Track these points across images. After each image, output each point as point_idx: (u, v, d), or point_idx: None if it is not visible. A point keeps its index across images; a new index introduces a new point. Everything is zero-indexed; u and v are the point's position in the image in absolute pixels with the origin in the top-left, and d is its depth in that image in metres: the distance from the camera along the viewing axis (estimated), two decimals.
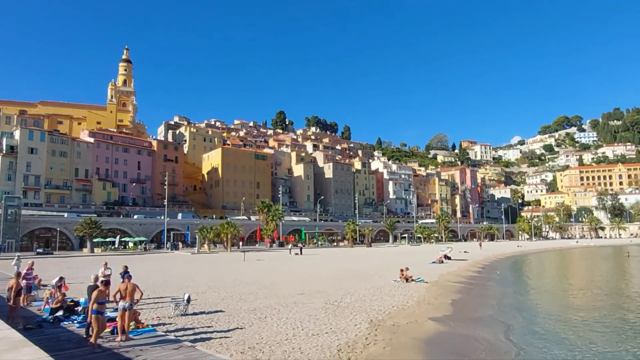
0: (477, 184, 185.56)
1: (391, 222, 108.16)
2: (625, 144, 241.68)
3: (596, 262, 56.90)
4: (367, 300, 19.49)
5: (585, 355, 12.56)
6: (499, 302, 22.69)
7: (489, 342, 13.69)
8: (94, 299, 10.84)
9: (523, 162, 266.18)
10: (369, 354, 11.26)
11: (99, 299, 10.89)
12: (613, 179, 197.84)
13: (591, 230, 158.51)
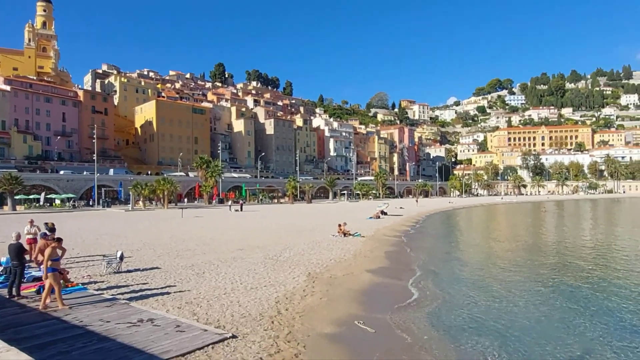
0: (414, 143, 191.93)
1: (331, 179, 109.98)
2: (549, 107, 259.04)
3: (517, 217, 61.82)
4: (306, 254, 19.91)
5: (503, 297, 13.77)
6: (429, 253, 24.12)
7: (419, 289, 14.57)
8: (49, 256, 10.30)
9: (458, 122, 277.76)
10: (306, 305, 11.60)
11: (52, 255, 10.37)
12: (536, 140, 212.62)
13: (515, 188, 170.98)
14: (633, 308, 12.75)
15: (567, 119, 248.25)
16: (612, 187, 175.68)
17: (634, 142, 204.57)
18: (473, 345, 9.54)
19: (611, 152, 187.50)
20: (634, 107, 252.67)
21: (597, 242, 31.63)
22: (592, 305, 13.00)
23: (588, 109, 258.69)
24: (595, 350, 9.31)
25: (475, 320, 11.37)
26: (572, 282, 16.63)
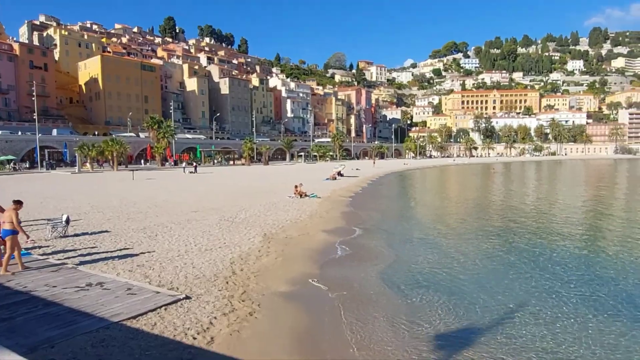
0: (371, 105, 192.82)
1: (288, 141, 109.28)
2: (501, 71, 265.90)
3: (468, 178, 64.34)
4: (262, 215, 19.89)
5: (453, 255, 14.45)
6: (384, 213, 24.78)
7: (373, 247, 15.01)
8: (16, 219, 9.91)
9: (414, 84, 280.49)
10: (261, 265, 11.67)
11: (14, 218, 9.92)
12: (488, 103, 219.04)
13: (467, 150, 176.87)
14: (571, 261, 13.74)
15: (518, 83, 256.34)
16: (555, 149, 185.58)
17: (577, 106, 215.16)
18: (423, 299, 10.00)
19: (556, 116, 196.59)
20: (579, 73, 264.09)
21: (540, 201, 33.60)
22: (535, 260, 13.89)
23: (537, 74, 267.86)
24: (538, 300, 10.00)
25: (426, 277, 11.88)
26: (518, 239, 17.64)
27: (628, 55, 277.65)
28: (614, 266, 13.17)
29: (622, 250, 15.40)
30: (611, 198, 35.55)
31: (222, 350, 6.73)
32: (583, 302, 9.85)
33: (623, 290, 10.70)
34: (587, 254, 15.00)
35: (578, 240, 17.61)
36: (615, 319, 8.85)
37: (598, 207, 29.53)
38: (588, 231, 20.20)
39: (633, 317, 8.97)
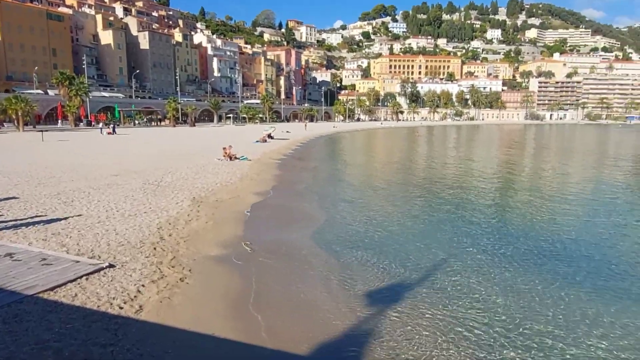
0: (301, 66, 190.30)
1: (216, 102, 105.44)
2: (427, 37, 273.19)
3: (395, 141, 66.59)
4: (190, 179, 19.16)
5: (382, 214, 14.98)
6: (314, 175, 25.00)
7: (304, 210, 15.11)
8: None
9: (344, 47, 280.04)
10: (191, 229, 11.29)
11: None
12: (414, 68, 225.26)
13: (394, 114, 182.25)
14: (488, 217, 14.82)
15: (442, 49, 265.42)
16: (474, 114, 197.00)
17: (494, 74, 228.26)
18: (354, 257, 10.28)
19: (475, 82, 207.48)
20: (497, 42, 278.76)
21: (460, 163, 35.71)
22: (458, 217, 14.81)
23: (460, 41, 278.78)
24: (463, 254, 10.69)
25: (359, 237, 12.21)
26: (441, 198, 18.65)
27: (540, 26, 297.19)
28: (525, 220, 14.43)
29: (530, 205, 16.91)
30: (520, 160, 38.71)
31: (152, 318, 6.46)
32: (500, 254, 10.70)
33: (533, 241, 11.77)
34: (502, 210, 16.29)
35: (494, 198, 19.04)
36: (528, 268, 9.73)
37: (510, 168, 32.05)
38: (502, 190, 21.89)
39: (541, 264, 9.91)
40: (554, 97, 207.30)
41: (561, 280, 9.01)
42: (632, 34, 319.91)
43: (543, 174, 28.58)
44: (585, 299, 8.14)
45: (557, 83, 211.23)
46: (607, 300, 8.07)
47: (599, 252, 11.17)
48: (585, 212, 16.06)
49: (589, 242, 12.05)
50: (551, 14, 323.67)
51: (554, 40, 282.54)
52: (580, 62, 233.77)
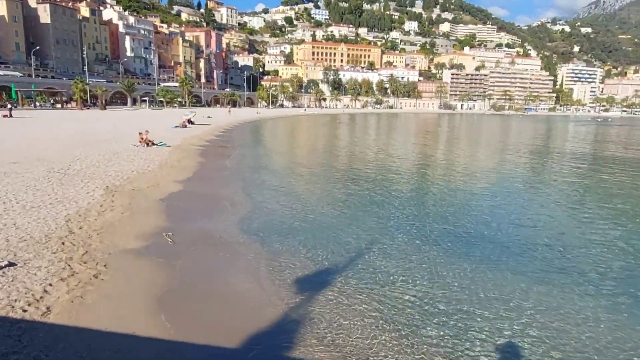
0: (222, 49, 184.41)
1: (129, 83, 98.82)
2: (349, 25, 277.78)
3: (318, 128, 67.19)
4: (102, 166, 17.75)
5: (308, 201, 15.00)
6: (238, 162, 24.43)
7: (229, 197, 14.68)
8: None
9: (266, 31, 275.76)
10: (105, 221, 10.46)
11: None
12: (337, 56, 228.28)
13: (316, 101, 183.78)
14: (408, 199, 15.45)
15: (363, 38, 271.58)
16: (393, 103, 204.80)
17: (411, 64, 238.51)
18: (283, 244, 10.18)
19: (394, 72, 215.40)
20: (413, 34, 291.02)
21: (381, 149, 36.95)
22: (379, 201, 15.25)
23: (379, 31, 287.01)
24: (381, 235, 11.01)
25: (285, 223, 12.12)
26: (364, 183, 19.10)
27: (452, 21, 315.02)
28: (442, 202, 15.28)
29: (446, 188, 17.95)
30: (436, 146, 40.99)
31: (62, 320, 5.87)
32: (422, 235, 11.21)
33: (451, 222, 12.48)
34: (421, 193, 17.10)
35: (413, 182, 19.93)
36: (448, 249, 10.29)
37: (427, 154, 33.80)
38: (420, 175, 22.99)
39: (459, 245, 10.54)
40: (465, 88, 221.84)
41: (477, 260, 9.65)
42: (531, 32, 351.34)
43: (457, 158, 30.50)
44: (494, 275, 8.79)
45: (467, 75, 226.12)
46: (515, 276, 8.78)
47: (508, 232, 12.13)
48: (493, 193, 17.37)
49: (499, 222, 13.04)
50: (462, 9, 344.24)
51: (465, 35, 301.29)
52: (487, 56, 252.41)
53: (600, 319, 7.10)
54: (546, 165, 28.65)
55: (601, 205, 16.20)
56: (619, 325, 6.92)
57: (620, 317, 7.22)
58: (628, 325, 6.96)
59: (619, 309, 7.49)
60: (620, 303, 7.73)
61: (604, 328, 6.83)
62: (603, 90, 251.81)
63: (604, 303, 7.70)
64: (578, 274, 9.03)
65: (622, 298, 7.94)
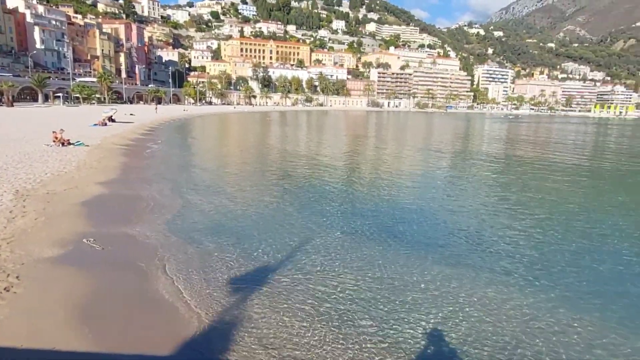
0: (144, 43, 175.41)
1: (40, 78, 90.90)
2: (277, 22, 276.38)
3: (248, 126, 66.26)
4: (11, 169, 16.21)
5: (238, 200, 14.76)
6: (166, 161, 23.45)
7: (156, 198, 14.06)
8: None
9: (191, 25, 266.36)
10: (16, 228, 9.58)
11: None
12: (265, 53, 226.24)
13: (246, 98, 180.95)
14: (337, 196, 15.75)
15: (292, 36, 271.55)
16: (322, 101, 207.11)
17: (339, 63, 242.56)
18: (215, 245, 9.95)
19: (323, 70, 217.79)
20: (341, 33, 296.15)
21: (312, 146, 37.28)
22: (310, 198, 15.39)
23: (308, 29, 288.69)
24: (314, 232, 11.13)
25: (216, 222, 11.85)
26: (295, 180, 19.18)
27: (378, 21, 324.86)
28: (371, 197, 15.76)
29: (375, 183, 18.55)
30: (365, 143, 42.13)
31: None
32: (352, 228, 11.49)
33: (381, 217, 12.92)
34: (352, 190, 17.51)
35: (343, 179, 20.35)
36: (379, 243, 10.64)
37: (356, 151, 34.65)
38: (351, 171, 23.53)
39: (390, 239, 10.94)
40: (391, 87, 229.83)
41: (406, 251, 10.10)
42: (450, 34, 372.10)
43: (385, 155, 31.58)
44: (421, 264, 9.26)
45: (393, 74, 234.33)
46: (438, 265, 9.31)
47: (432, 225, 12.80)
48: (418, 188, 18.25)
49: (422, 216, 13.71)
50: (387, 10, 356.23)
51: (390, 35, 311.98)
52: (411, 56, 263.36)
53: (512, 301, 7.75)
54: (465, 162, 30.57)
55: (510, 196, 17.62)
56: (529, 306, 7.60)
57: (531, 299, 7.92)
58: (542, 306, 7.66)
59: (527, 292, 8.22)
60: (528, 286, 8.49)
61: (515, 308, 7.47)
62: (514, 90, 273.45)
63: (515, 285, 8.41)
64: (491, 262, 9.77)
65: (531, 281, 8.72)
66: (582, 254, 10.39)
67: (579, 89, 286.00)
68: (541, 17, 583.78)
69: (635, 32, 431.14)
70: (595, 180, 22.59)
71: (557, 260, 9.87)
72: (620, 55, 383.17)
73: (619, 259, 10.06)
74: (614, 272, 9.34)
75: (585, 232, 12.19)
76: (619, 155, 36.41)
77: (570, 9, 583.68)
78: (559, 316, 7.20)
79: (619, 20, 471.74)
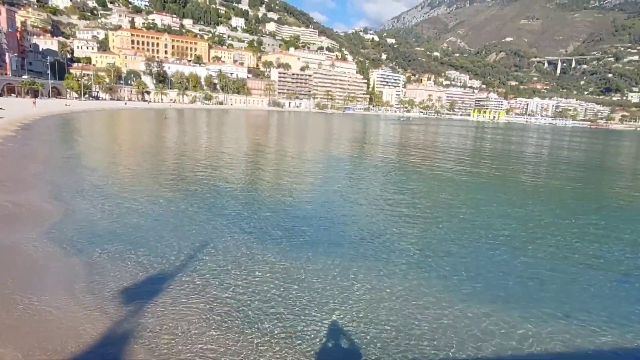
0: (16, 29, 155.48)
1: None
2: (172, 15, 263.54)
3: (142, 124, 62.26)
4: None
5: (130, 203, 13.84)
6: (46, 162, 21.13)
7: (35, 203, 12.64)
8: None
9: (74, 12, 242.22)
10: None
11: None
12: (160, 47, 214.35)
13: (139, 94, 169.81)
14: (236, 200, 15.56)
15: (188, 30, 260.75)
16: (223, 99, 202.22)
17: (240, 61, 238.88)
18: (104, 253, 9.27)
19: (223, 68, 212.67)
20: (241, 30, 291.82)
21: (211, 146, 36.24)
22: (209, 200, 14.98)
23: (206, 24, 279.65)
24: (212, 235, 10.89)
25: (105, 228, 11.03)
26: (193, 183, 18.49)
27: (278, 21, 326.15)
28: (272, 197, 15.85)
29: (276, 185, 18.68)
30: (266, 143, 42.11)
31: None
32: (252, 229, 11.47)
33: (281, 217, 13.05)
34: (252, 191, 17.43)
35: (244, 180, 20.16)
36: (279, 243, 10.74)
37: (257, 151, 34.49)
38: (251, 172, 23.38)
39: (288, 238, 11.11)
40: (292, 87, 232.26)
41: (306, 251, 10.35)
42: (347, 38, 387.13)
43: (285, 155, 31.85)
44: (322, 261, 9.59)
45: (293, 75, 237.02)
46: (339, 261, 9.71)
47: (332, 224, 13.27)
48: (317, 188, 18.77)
49: (321, 215, 14.15)
50: (287, 11, 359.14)
51: (290, 36, 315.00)
52: (311, 57, 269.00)
53: (410, 291, 8.40)
54: (362, 163, 32.11)
55: (400, 195, 18.96)
56: (410, 295, 8.30)
57: (428, 290, 8.65)
58: (423, 292, 8.39)
59: (412, 284, 8.96)
60: (422, 278, 9.25)
61: (412, 298, 8.11)
62: (405, 94, 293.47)
63: (411, 278, 9.12)
64: (383, 256, 10.47)
65: (422, 273, 9.51)
66: (462, 245, 11.56)
67: (460, 95, 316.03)
68: (428, 28, 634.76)
69: (504, 46, 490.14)
70: (477, 178, 25.20)
71: (436, 250, 10.86)
72: (493, 66, 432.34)
73: (487, 248, 11.39)
74: (489, 262, 10.55)
75: (464, 227, 13.56)
76: (495, 159, 41.05)
77: (452, 22, 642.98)
78: (438, 302, 7.96)
79: (492, 36, 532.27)
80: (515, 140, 70.60)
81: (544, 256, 10.93)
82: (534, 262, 10.48)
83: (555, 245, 11.83)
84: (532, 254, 11.09)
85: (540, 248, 11.55)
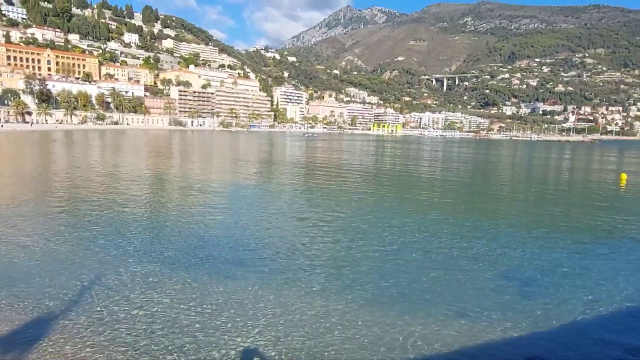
0: None
1: None
2: (55, 29, 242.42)
3: (24, 149, 55.75)
4: None
5: (10, 236, 12.15)
6: None
7: None
8: None
9: None
10: None
11: None
12: (42, 63, 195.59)
13: (18, 115, 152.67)
14: (137, 227, 14.45)
15: (75, 46, 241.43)
16: (117, 119, 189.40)
17: (135, 78, 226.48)
18: None
19: (116, 85, 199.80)
20: (135, 47, 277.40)
21: (107, 170, 33.54)
22: (100, 229, 13.70)
23: (95, 40, 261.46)
24: (108, 267, 9.91)
25: None
26: (88, 212, 16.83)
27: (175, 38, 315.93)
28: (175, 221, 14.99)
29: (178, 207, 17.74)
30: (168, 165, 40.12)
31: None
32: (153, 256, 10.67)
33: (185, 236, 12.35)
34: (153, 214, 16.34)
35: (144, 203, 18.85)
36: (179, 267, 10.10)
37: (158, 174, 32.66)
38: (153, 195, 21.99)
39: (187, 259, 10.51)
40: (193, 105, 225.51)
41: (214, 274, 9.87)
42: (249, 56, 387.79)
43: (191, 177, 30.55)
44: (230, 282, 9.21)
45: (194, 93, 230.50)
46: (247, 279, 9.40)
47: (239, 243, 12.89)
48: (225, 210, 18.20)
49: (231, 236, 13.70)
50: (184, 28, 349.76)
51: (189, 53, 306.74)
52: (212, 75, 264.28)
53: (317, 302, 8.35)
54: (269, 183, 31.98)
55: (310, 210, 19.16)
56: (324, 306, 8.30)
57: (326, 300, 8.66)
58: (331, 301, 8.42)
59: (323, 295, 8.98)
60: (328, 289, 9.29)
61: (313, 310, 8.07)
62: (308, 110, 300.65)
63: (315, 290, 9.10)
64: (294, 270, 10.38)
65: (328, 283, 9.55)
66: (364, 257, 11.89)
67: (360, 111, 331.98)
68: (326, 47, 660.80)
69: (397, 64, 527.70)
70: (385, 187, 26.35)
71: (346, 260, 11.06)
72: (388, 83, 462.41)
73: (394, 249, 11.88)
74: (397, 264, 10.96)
75: (369, 240, 14.01)
76: (395, 174, 43.43)
77: (349, 42, 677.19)
78: (352, 312, 8.03)
79: (385, 55, 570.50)
80: (412, 154, 75.81)
81: (438, 259, 11.68)
82: (429, 265, 11.13)
83: (447, 247, 12.73)
84: (426, 257, 11.79)
85: (434, 251, 12.35)
